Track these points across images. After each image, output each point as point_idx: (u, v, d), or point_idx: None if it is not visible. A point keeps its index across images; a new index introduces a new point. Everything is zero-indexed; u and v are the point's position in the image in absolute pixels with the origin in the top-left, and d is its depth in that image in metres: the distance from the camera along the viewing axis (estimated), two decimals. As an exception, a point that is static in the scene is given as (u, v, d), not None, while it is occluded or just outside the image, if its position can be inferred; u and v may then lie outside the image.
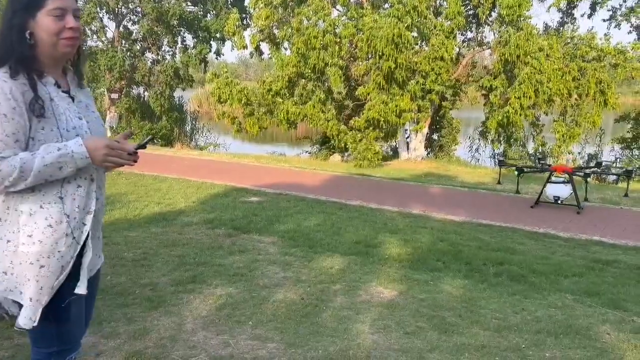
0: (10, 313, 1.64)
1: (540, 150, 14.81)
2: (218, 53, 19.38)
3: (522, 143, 15.72)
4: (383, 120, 12.36)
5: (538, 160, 10.60)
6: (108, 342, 2.96)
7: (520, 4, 12.16)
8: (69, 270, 1.65)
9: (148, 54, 18.89)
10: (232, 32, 14.85)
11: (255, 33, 15.08)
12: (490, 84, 12.72)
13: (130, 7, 18.49)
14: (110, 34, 18.53)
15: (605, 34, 14.06)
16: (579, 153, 15.82)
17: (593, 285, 4.34)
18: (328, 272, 4.41)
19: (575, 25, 15.99)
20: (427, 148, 15.36)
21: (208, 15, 18.95)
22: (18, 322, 1.62)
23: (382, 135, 13.49)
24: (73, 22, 1.63)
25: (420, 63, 12.41)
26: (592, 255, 5.41)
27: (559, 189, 7.87)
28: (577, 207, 7.68)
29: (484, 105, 13.93)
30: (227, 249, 4.92)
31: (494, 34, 13.72)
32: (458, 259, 4.93)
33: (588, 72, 12.83)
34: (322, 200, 7.75)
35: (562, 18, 15.96)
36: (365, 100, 12.90)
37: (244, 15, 17.12)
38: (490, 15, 13.53)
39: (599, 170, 11.08)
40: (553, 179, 7.99)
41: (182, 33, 18.76)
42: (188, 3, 18.67)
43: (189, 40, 18.99)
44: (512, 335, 3.28)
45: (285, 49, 15.06)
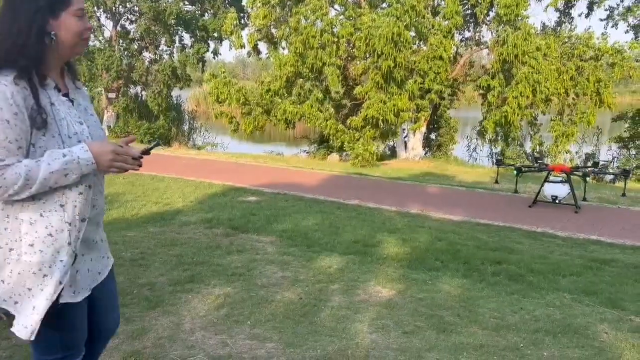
0: (11, 313, 1.62)
1: (538, 150, 14.84)
2: (216, 52, 19.36)
3: (519, 142, 15.75)
4: (381, 119, 12.37)
5: (535, 160, 10.62)
6: (106, 342, 2.95)
7: (518, 4, 12.17)
8: (68, 278, 1.61)
9: (145, 53, 18.87)
10: (229, 31, 14.83)
11: (253, 32, 15.06)
12: (488, 84, 12.74)
13: (128, 6, 18.45)
14: (108, 33, 18.51)
15: (603, 34, 14.10)
16: (577, 152, 15.85)
17: (591, 285, 4.35)
18: (326, 271, 4.41)
19: (573, 25, 16.05)
20: (425, 147, 15.37)
21: (206, 15, 18.93)
22: (14, 332, 1.57)
23: (379, 135, 13.50)
24: (89, 22, 1.64)
25: (419, 62, 12.42)
26: (589, 255, 5.42)
27: (557, 189, 7.88)
28: (574, 206, 7.70)
29: (482, 105, 13.95)
30: (225, 249, 4.91)
31: (492, 34, 13.73)
32: (456, 259, 4.93)
33: (585, 71, 12.86)
34: (320, 200, 7.75)
35: (559, 17, 16.00)
36: (363, 100, 12.91)
37: (242, 15, 17.08)
38: (488, 15, 13.53)
39: (597, 170, 11.11)
40: (551, 179, 8.01)
41: (179, 32, 18.72)
42: (185, 2, 18.64)
43: (187, 40, 19.00)
44: (510, 335, 3.28)
45: (283, 49, 15.06)
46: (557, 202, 7.90)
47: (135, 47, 18.63)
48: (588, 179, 8.99)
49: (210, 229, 5.65)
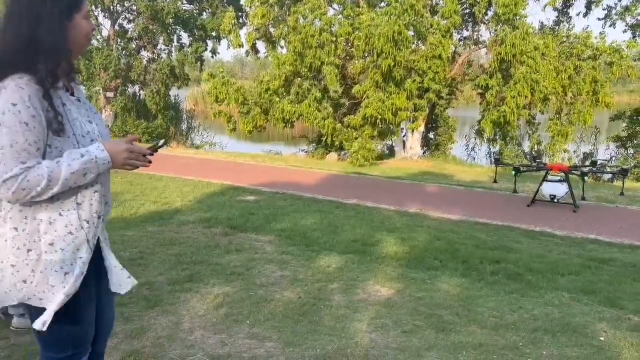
0: (11, 313, 1.63)
1: (536, 149, 14.86)
2: (214, 52, 19.34)
3: (517, 142, 15.76)
4: (380, 118, 12.37)
5: (533, 159, 10.64)
6: (105, 341, 2.95)
7: (516, 3, 12.18)
8: (85, 275, 1.65)
9: (143, 53, 18.84)
10: (228, 30, 14.81)
11: (251, 31, 15.04)
12: (486, 83, 12.74)
13: (126, 5, 18.42)
14: (106, 32, 18.48)
15: (601, 33, 14.10)
16: (575, 151, 15.87)
17: (589, 284, 4.35)
18: (325, 270, 4.41)
19: (571, 24, 16.06)
20: (423, 147, 15.37)
21: (204, 14, 18.91)
22: (33, 325, 1.61)
23: (377, 134, 13.50)
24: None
25: (418, 61, 12.42)
26: (588, 254, 5.43)
27: (555, 188, 7.90)
28: (573, 205, 7.71)
29: (480, 104, 13.96)
30: (223, 248, 4.91)
31: (490, 33, 13.75)
32: (455, 258, 4.93)
33: (583, 70, 12.88)
34: (318, 199, 7.74)
35: (557, 17, 16.01)
36: (362, 99, 12.91)
37: (240, 14, 17.07)
38: (487, 14, 13.54)
39: (595, 169, 11.13)
40: (549, 178, 8.02)
41: (177, 31, 18.71)
42: (183, 1, 18.62)
43: (185, 39, 18.98)
44: (509, 334, 3.29)
45: (282, 48, 15.06)
46: (555, 201, 7.91)
47: (133, 46, 18.60)
48: (586, 178, 9.00)
49: (209, 228, 5.64)
